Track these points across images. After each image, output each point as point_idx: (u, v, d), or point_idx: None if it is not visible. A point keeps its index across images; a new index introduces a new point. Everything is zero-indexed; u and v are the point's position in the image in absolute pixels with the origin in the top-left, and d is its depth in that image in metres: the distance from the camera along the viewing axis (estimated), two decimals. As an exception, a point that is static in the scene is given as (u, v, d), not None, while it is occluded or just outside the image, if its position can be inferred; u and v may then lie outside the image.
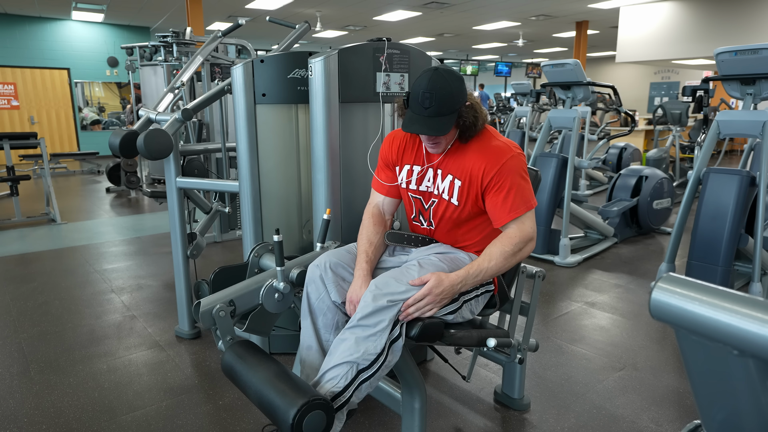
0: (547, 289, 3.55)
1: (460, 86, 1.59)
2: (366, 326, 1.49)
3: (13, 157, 6.49)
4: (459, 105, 1.58)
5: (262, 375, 1.48)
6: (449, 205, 1.71)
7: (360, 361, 1.47)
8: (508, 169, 1.61)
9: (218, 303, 1.66)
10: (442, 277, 1.54)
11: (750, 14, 7.98)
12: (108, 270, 3.98)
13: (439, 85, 1.55)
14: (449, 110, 1.56)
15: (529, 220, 1.64)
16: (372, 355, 1.47)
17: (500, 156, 1.62)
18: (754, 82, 3.25)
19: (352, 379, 1.47)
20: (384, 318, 1.49)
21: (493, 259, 1.59)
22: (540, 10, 10.61)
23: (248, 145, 2.24)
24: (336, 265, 1.71)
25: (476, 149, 1.66)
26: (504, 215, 1.62)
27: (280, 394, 1.38)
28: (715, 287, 0.84)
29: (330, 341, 1.71)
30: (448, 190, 1.70)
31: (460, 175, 1.67)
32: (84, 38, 11.58)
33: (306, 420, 1.32)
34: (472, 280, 1.58)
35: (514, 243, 1.60)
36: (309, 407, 1.33)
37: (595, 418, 2.10)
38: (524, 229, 1.62)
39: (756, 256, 3.09)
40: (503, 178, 1.61)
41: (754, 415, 0.87)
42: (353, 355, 1.47)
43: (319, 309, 1.71)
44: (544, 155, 4.30)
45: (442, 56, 18.72)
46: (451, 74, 1.58)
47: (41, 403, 2.21)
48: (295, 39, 3.08)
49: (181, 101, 3.20)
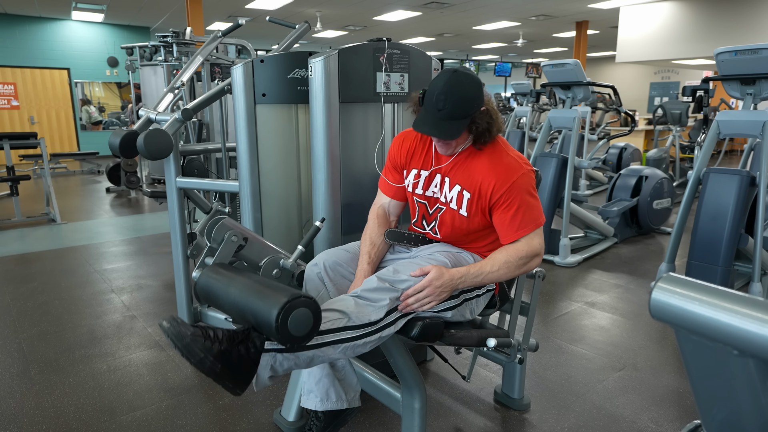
0: (547, 289, 3.55)
1: (476, 91, 1.56)
2: (367, 299, 1.50)
3: (13, 157, 6.49)
4: (473, 110, 1.55)
5: (240, 283, 1.40)
6: (457, 216, 1.69)
7: (353, 317, 1.45)
8: (518, 187, 1.59)
9: (237, 230, 1.67)
10: (443, 270, 1.54)
11: (750, 14, 7.98)
12: (108, 270, 3.98)
13: (456, 88, 1.52)
14: (462, 114, 1.54)
15: (538, 237, 1.62)
16: (366, 318, 1.46)
17: (511, 173, 1.59)
18: (754, 82, 3.25)
19: (337, 328, 1.43)
20: (385, 297, 1.50)
21: (497, 266, 1.59)
22: (540, 10, 10.61)
23: (248, 145, 2.24)
24: (334, 264, 1.72)
25: (487, 162, 1.63)
26: (511, 233, 1.61)
27: (261, 297, 1.30)
28: (715, 287, 0.84)
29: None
30: (456, 200, 1.68)
31: (469, 187, 1.65)
32: (84, 38, 11.58)
33: (291, 318, 1.25)
34: (472, 280, 1.58)
35: (521, 256, 1.59)
36: (292, 305, 1.25)
37: (595, 418, 2.10)
38: (532, 244, 1.61)
39: (756, 256, 3.09)
40: (512, 196, 1.58)
41: (754, 415, 0.87)
42: (348, 309, 1.46)
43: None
44: (544, 155, 4.30)
45: (442, 56, 18.72)
46: (469, 78, 1.55)
47: (41, 403, 2.21)
48: (295, 39, 3.08)
49: (181, 101, 3.21)
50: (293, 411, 2.01)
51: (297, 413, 2.01)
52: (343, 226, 2.17)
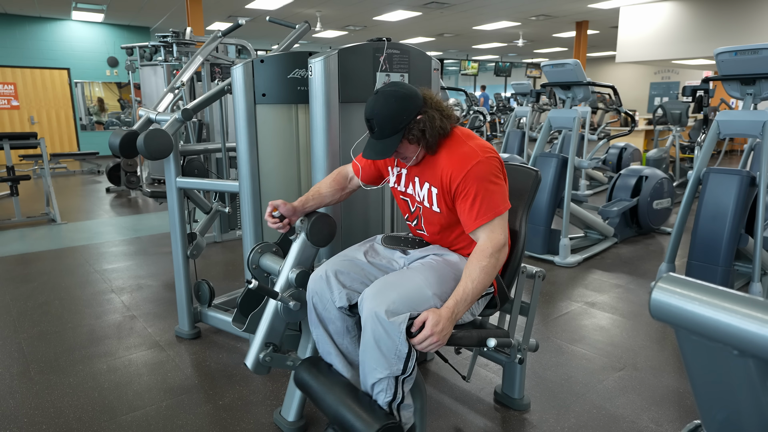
0: (547, 289, 3.55)
1: (401, 105, 1.59)
2: (384, 339, 1.52)
3: (13, 157, 6.49)
4: (403, 124, 1.59)
5: (337, 394, 1.65)
6: (433, 213, 1.73)
7: (394, 371, 1.53)
8: (473, 175, 1.59)
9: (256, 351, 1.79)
10: (438, 313, 1.52)
11: (750, 14, 7.98)
12: (108, 270, 3.98)
13: (377, 109, 1.60)
14: (392, 131, 1.59)
15: (499, 227, 1.61)
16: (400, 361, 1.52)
17: (466, 162, 1.61)
18: (754, 82, 3.25)
19: (395, 386, 1.57)
20: (398, 332, 1.51)
21: (475, 278, 1.56)
22: (540, 10, 10.61)
23: (248, 145, 2.24)
24: (337, 273, 1.72)
25: (445, 155, 1.66)
26: (471, 222, 1.61)
27: (356, 416, 1.56)
28: (715, 287, 0.84)
29: (344, 344, 1.76)
30: (427, 197, 1.72)
31: (435, 182, 1.68)
32: (84, 38, 11.58)
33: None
34: (464, 305, 1.55)
35: (488, 254, 1.57)
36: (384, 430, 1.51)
37: (595, 418, 2.10)
38: (494, 237, 1.59)
39: (756, 256, 3.09)
40: (469, 184, 1.59)
41: (754, 415, 0.87)
42: (386, 370, 1.54)
43: (328, 318, 1.73)
44: (544, 155, 4.30)
45: (442, 56, 18.73)
46: (392, 96, 1.60)
47: (41, 403, 2.21)
48: (295, 39, 3.08)
49: (181, 101, 3.21)
50: (293, 411, 2.01)
51: (297, 413, 2.01)
52: (343, 226, 2.17)
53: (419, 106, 1.62)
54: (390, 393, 1.57)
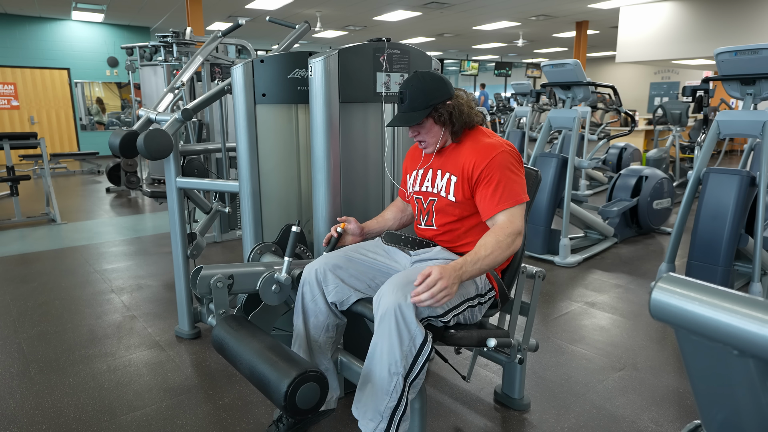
0: (547, 289, 3.55)
1: (436, 85, 1.68)
2: (397, 329, 1.49)
3: (13, 157, 6.49)
4: (434, 101, 1.67)
5: (254, 347, 1.45)
6: (448, 203, 1.75)
7: (402, 371, 1.51)
8: (497, 162, 1.66)
9: (218, 274, 1.67)
10: (441, 267, 1.48)
11: (750, 14, 7.98)
12: (108, 270, 3.98)
13: (414, 83, 1.69)
14: (422, 105, 1.67)
15: (518, 215, 1.64)
16: (410, 356, 1.50)
17: (490, 150, 1.68)
18: (754, 82, 3.25)
19: (402, 386, 1.54)
20: (409, 316, 1.49)
21: (489, 248, 1.55)
22: (540, 10, 10.61)
23: (248, 145, 2.24)
24: (335, 268, 1.73)
25: (469, 147, 1.73)
26: (492, 207, 1.64)
27: (273, 366, 1.37)
28: (715, 287, 0.84)
29: (318, 341, 1.77)
30: (445, 187, 1.76)
31: (456, 171, 1.74)
32: (84, 38, 11.58)
33: (300, 392, 1.30)
34: (471, 267, 1.52)
35: (507, 233, 1.58)
36: (303, 379, 1.31)
37: (595, 418, 2.10)
38: (514, 221, 1.62)
39: (756, 256, 3.09)
40: (492, 171, 1.65)
41: (754, 415, 0.87)
42: (398, 369, 1.50)
43: (312, 310, 1.74)
44: (544, 155, 4.30)
45: (442, 56, 18.72)
46: (430, 75, 1.70)
47: (41, 403, 2.21)
48: (295, 39, 3.08)
49: (181, 101, 3.20)
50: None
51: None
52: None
53: (451, 94, 1.72)
54: (395, 398, 1.53)
